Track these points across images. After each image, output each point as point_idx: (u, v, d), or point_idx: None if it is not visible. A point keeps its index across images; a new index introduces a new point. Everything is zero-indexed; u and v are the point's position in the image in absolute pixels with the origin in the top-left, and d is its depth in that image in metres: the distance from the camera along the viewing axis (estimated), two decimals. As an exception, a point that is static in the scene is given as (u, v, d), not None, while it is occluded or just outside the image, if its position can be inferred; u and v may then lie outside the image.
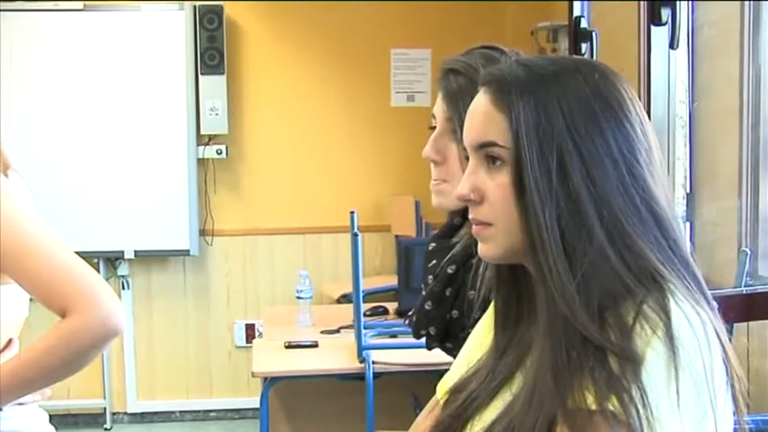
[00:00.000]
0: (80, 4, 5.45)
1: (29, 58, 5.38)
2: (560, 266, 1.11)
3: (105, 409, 5.67)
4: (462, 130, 1.58)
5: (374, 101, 5.81)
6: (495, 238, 1.19)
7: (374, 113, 5.81)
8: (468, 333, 1.61)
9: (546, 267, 1.12)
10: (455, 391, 1.31)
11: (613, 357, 1.06)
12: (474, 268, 1.63)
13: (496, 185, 1.17)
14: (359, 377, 3.54)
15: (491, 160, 1.19)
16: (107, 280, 5.55)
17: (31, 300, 1.86)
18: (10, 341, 1.87)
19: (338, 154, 5.82)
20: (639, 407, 1.03)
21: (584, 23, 3.51)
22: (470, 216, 1.21)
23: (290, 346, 3.83)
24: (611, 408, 1.04)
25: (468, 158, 1.23)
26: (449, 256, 1.72)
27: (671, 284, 1.11)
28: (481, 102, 1.20)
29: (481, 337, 1.37)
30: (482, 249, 1.22)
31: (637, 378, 1.04)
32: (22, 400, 1.84)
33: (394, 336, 3.87)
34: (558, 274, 1.11)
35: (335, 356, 3.71)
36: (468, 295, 1.66)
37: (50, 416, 1.97)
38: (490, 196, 1.18)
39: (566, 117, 1.13)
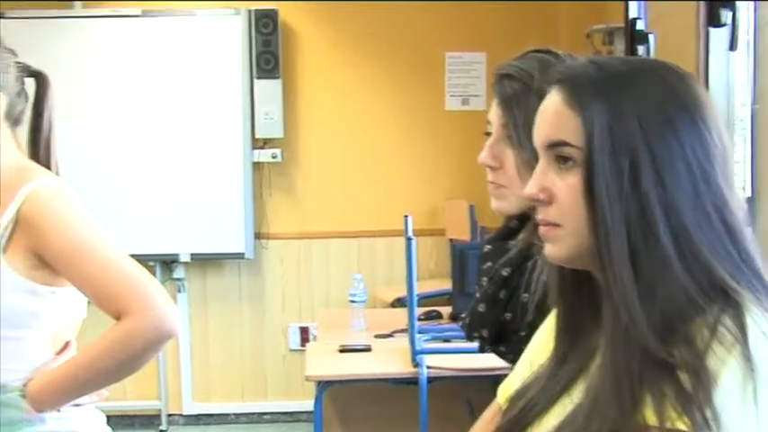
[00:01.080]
0: (138, 10, 5.51)
1: (88, 64, 5.45)
2: (625, 274, 1.08)
3: (161, 410, 5.72)
4: (518, 135, 1.56)
5: (428, 104, 5.79)
6: (563, 239, 1.16)
7: (428, 117, 5.79)
8: (522, 336, 1.59)
9: (610, 274, 1.09)
10: (516, 397, 1.29)
11: (684, 375, 1.02)
12: (529, 271, 1.61)
13: (566, 186, 1.14)
14: (412, 382, 3.52)
15: (561, 160, 1.15)
16: (163, 283, 5.56)
17: (87, 302, 1.88)
18: (67, 343, 1.89)
19: (392, 157, 5.81)
20: (714, 429, 0.99)
21: (640, 25, 3.47)
22: (538, 217, 1.18)
23: (343, 350, 3.83)
24: (682, 428, 1.00)
25: (524, 163, 1.20)
26: (504, 258, 1.70)
27: (743, 298, 1.07)
28: (553, 100, 1.17)
29: (544, 341, 1.34)
30: (548, 250, 1.19)
31: (710, 399, 1.00)
32: (79, 401, 1.86)
33: (447, 340, 3.85)
34: (621, 282, 1.08)
35: (389, 361, 3.70)
36: (522, 298, 1.63)
37: (107, 417, 1.99)
38: (559, 197, 1.15)
39: (640, 118, 1.10)
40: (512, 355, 1.65)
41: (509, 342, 1.68)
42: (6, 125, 1.89)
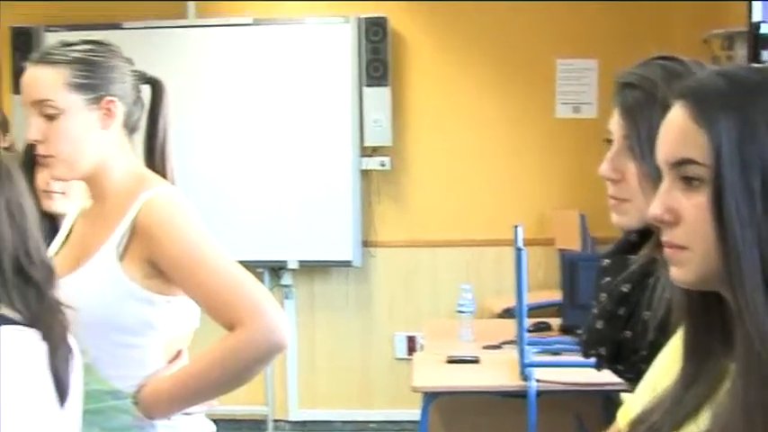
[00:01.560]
0: (249, 19, 5.59)
1: (200, 72, 5.54)
2: (758, 299, 1.01)
3: (267, 416, 5.77)
4: (640, 146, 1.48)
5: (538, 112, 5.70)
6: (690, 262, 1.09)
7: (538, 125, 5.71)
8: (642, 356, 1.52)
9: (742, 299, 1.02)
10: (638, 421, 1.22)
11: None
12: (650, 288, 1.54)
13: (693, 206, 1.07)
14: (521, 395, 3.46)
15: (687, 179, 1.08)
16: (271, 290, 5.64)
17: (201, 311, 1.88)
18: (179, 352, 1.89)
19: (501, 166, 5.74)
20: None
21: (764, 29, 3.32)
22: (663, 239, 1.11)
23: (451, 360, 3.79)
24: None
25: (647, 176, 1.13)
26: (624, 274, 1.63)
27: None
28: (678, 116, 1.10)
29: (668, 364, 1.27)
30: (675, 274, 1.12)
31: None
32: (189, 409, 1.86)
33: (557, 353, 3.76)
34: (754, 308, 1.01)
35: (497, 373, 3.64)
36: (643, 316, 1.56)
37: (213, 420, 1.99)
38: (686, 218, 1.08)
39: None
40: (630, 375, 1.58)
41: (628, 361, 1.61)
42: (124, 133, 1.91)
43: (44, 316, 1.46)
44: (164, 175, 1.94)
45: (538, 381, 3.42)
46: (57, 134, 1.83)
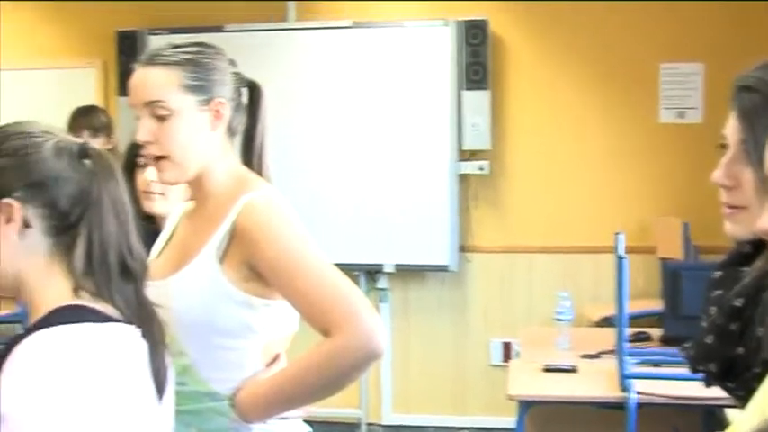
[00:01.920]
0: (349, 22, 5.61)
1: (300, 74, 5.58)
2: None
3: (360, 419, 5.77)
4: (758, 152, 1.41)
5: (640, 117, 5.58)
6: None
7: (640, 130, 5.58)
8: (755, 373, 1.45)
9: None
10: None
11: None
12: (765, 304, 1.46)
13: None
14: (619, 407, 3.38)
15: None
16: (366, 293, 5.64)
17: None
18: (277, 355, 1.89)
19: (601, 171, 5.63)
20: None
21: None
22: None
23: (548, 369, 3.72)
24: None
25: (764, 183, 1.06)
26: (736, 287, 1.55)
27: None
28: None
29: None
30: None
31: None
32: (285, 414, 1.85)
33: (657, 365, 3.66)
34: None
35: (595, 383, 3.57)
36: (756, 333, 1.49)
37: (306, 422, 1.98)
38: None
39: None
40: (741, 392, 1.51)
41: (740, 379, 1.54)
42: (226, 135, 1.91)
43: (143, 314, 1.47)
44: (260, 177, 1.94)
45: (638, 393, 3.33)
46: (167, 135, 1.84)
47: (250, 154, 1.97)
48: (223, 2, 5.70)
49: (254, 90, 1.97)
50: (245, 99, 1.96)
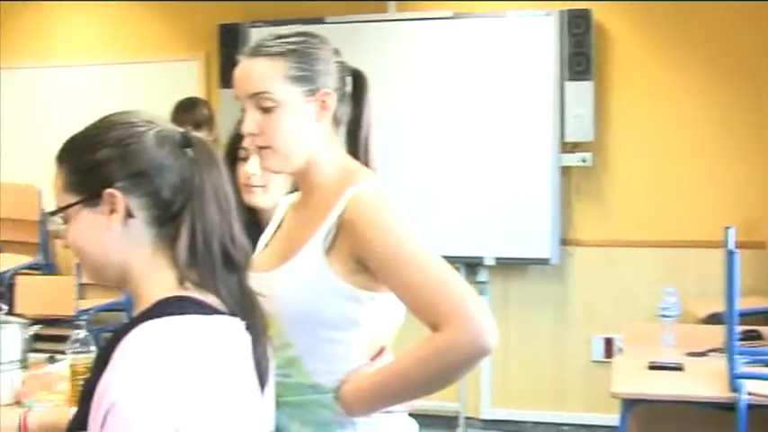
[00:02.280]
0: (449, 12, 5.57)
1: (400, 65, 5.56)
2: None
3: (459, 413, 5.73)
4: None
5: (749, 113, 5.40)
6: None
7: (749, 124, 5.40)
8: None
9: None
10: None
11: None
12: None
13: None
14: (728, 407, 3.27)
15: None
16: (466, 285, 5.59)
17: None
18: (382, 349, 1.86)
19: (707, 165, 5.47)
20: None
21: None
22: None
23: (653, 366, 3.63)
24: None
25: None
26: None
27: None
28: None
29: None
30: None
31: None
32: (390, 408, 1.83)
33: (768, 364, 3.54)
34: None
35: (702, 382, 3.47)
36: None
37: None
38: None
39: None
40: None
41: None
42: (331, 125, 1.89)
43: (246, 305, 1.46)
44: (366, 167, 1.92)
45: (750, 394, 3.21)
46: (273, 127, 1.82)
47: (356, 144, 1.94)
48: (324, -7, 5.74)
49: (358, 79, 1.94)
50: (349, 88, 1.93)
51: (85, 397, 1.34)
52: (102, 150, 1.42)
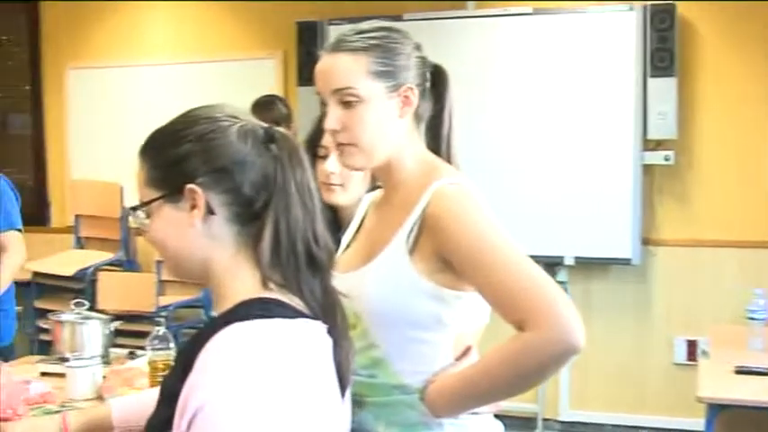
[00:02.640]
0: (529, 8, 5.50)
1: (479, 62, 5.51)
2: None
3: (537, 414, 5.66)
4: None
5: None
6: None
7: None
8: None
9: None
10: None
11: None
12: None
13: None
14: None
15: None
16: (545, 285, 5.52)
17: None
18: (468, 348, 1.83)
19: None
20: None
21: None
22: None
23: (740, 371, 3.53)
24: None
25: None
26: None
27: None
28: None
29: None
30: None
31: None
32: (477, 409, 1.79)
33: None
34: None
35: (794, 388, 3.35)
36: None
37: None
38: None
39: None
40: None
41: None
42: (413, 121, 1.86)
43: (328, 307, 1.42)
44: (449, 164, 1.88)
45: None
46: (356, 123, 1.79)
47: (438, 140, 1.92)
48: (402, -11, 5.72)
49: (439, 74, 1.91)
50: (429, 84, 1.89)
51: (167, 399, 1.32)
52: (184, 145, 1.40)
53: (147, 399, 1.43)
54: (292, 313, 1.36)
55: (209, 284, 1.44)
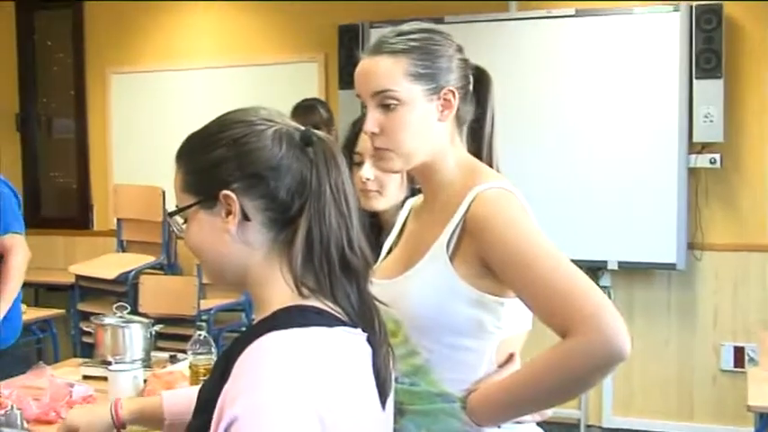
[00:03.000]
0: (572, 10, 5.44)
1: (522, 64, 5.46)
2: None
3: (580, 420, 5.60)
4: None
5: None
6: None
7: None
8: None
9: None
10: None
11: None
12: None
13: None
14: None
15: None
16: (588, 290, 5.46)
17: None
18: (511, 356, 1.80)
19: None
20: None
21: None
22: None
23: (790, 378, 3.46)
24: None
25: None
26: None
27: None
28: None
29: None
30: None
31: None
32: (521, 417, 1.76)
33: None
34: None
35: None
36: None
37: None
38: None
39: None
40: None
41: None
42: (454, 124, 1.83)
43: (365, 314, 1.39)
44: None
45: None
46: (395, 125, 1.76)
47: (479, 144, 1.88)
48: (443, -9, 5.69)
49: (481, 77, 1.87)
50: (471, 87, 1.87)
51: (204, 405, 1.30)
52: (218, 150, 1.37)
53: (196, 393, 1.41)
54: (331, 322, 1.34)
55: (246, 289, 1.41)
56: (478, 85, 1.88)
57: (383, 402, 1.41)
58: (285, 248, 1.36)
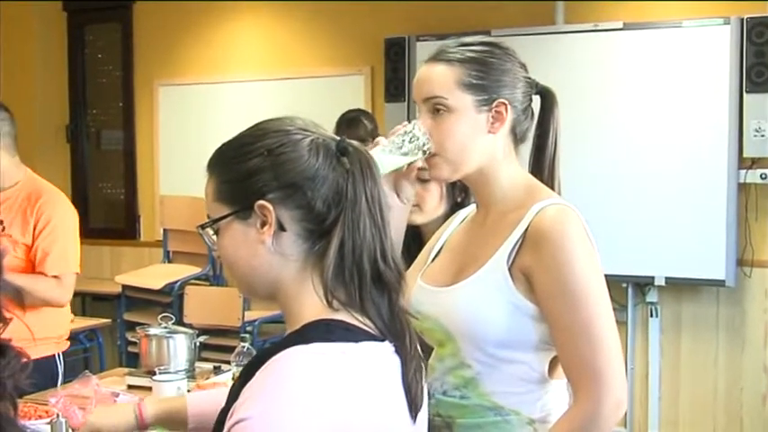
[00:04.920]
0: (620, 23, 5.40)
1: (569, 79, 5.40)
2: None
3: (626, 438, 5.53)
4: None
5: None
6: None
7: None
8: None
9: None
10: None
11: None
12: None
13: None
14: None
15: None
16: (635, 306, 5.41)
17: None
18: None
19: None
20: None
21: None
22: None
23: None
24: None
25: None
26: None
27: None
28: None
29: None
30: None
31: None
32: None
33: None
34: None
35: None
36: None
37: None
38: None
39: None
40: None
41: None
42: (510, 140, 1.84)
43: (396, 327, 1.37)
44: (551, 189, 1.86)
45: None
46: (442, 132, 1.79)
47: (541, 164, 1.90)
48: (491, 2, 5.65)
49: (546, 97, 1.90)
50: (533, 106, 1.88)
51: (228, 404, 1.31)
52: (253, 159, 1.36)
53: (221, 396, 1.41)
54: (357, 336, 1.32)
55: (278, 302, 1.40)
56: (544, 104, 1.91)
57: (414, 416, 1.39)
58: (318, 260, 1.35)
